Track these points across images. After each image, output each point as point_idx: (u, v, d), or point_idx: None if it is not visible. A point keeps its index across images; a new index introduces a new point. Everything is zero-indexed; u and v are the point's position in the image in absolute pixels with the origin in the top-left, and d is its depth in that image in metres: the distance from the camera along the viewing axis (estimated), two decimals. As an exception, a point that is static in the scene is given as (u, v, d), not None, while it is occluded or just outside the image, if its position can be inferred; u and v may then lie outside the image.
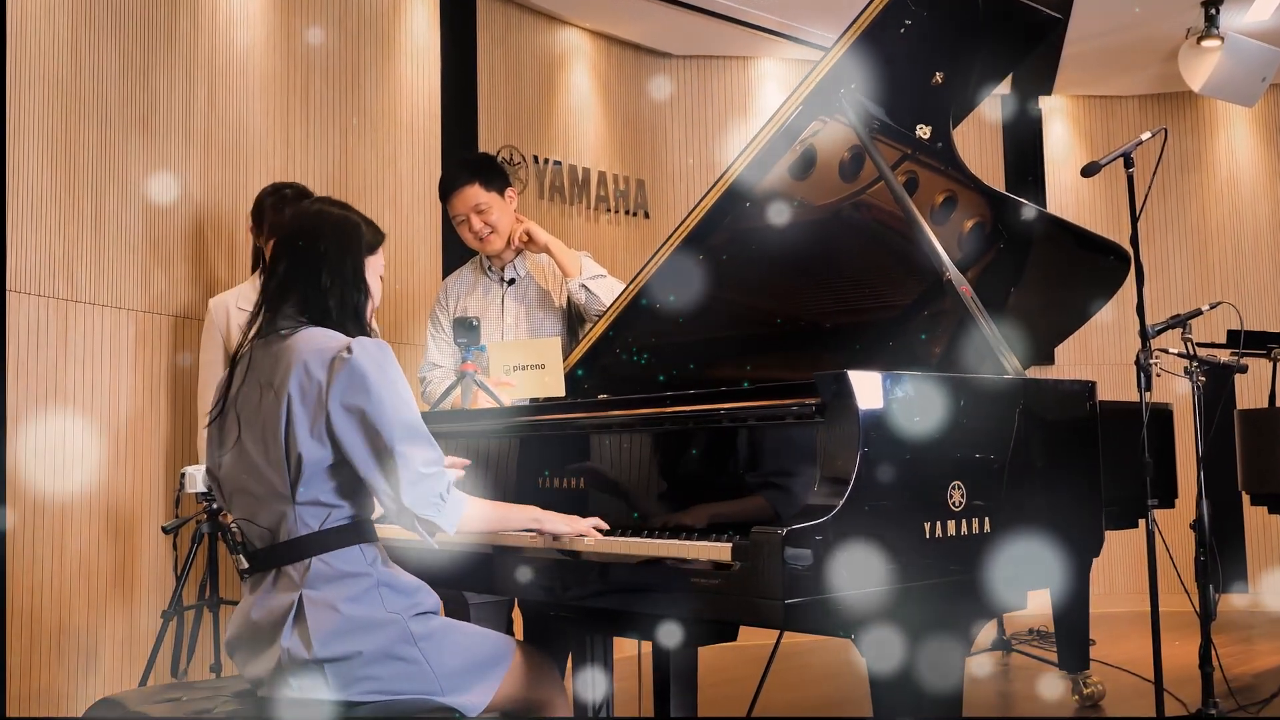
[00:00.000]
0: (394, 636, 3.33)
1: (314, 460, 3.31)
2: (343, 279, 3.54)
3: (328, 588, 3.33)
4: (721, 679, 6.52)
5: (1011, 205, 4.70)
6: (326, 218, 3.62)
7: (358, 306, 3.56)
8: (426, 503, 3.35)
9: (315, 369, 3.32)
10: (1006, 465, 3.40)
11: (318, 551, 3.35)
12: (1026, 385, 3.61)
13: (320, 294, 3.51)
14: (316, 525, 3.36)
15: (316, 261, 3.52)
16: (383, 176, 7.65)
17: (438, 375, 5.74)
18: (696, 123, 10.00)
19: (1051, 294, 5.20)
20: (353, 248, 3.58)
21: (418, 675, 3.34)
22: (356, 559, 3.38)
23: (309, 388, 3.32)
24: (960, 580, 3.24)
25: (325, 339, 3.40)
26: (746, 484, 3.41)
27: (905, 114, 4.41)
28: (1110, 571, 10.23)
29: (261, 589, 3.42)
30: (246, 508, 3.46)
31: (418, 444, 3.35)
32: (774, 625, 2.96)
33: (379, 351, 3.36)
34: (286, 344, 3.41)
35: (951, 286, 3.88)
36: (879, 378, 3.13)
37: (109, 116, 6.06)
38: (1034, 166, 10.81)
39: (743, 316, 4.90)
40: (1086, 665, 6.57)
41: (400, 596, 3.40)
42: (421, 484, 3.33)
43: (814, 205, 4.61)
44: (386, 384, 3.32)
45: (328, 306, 3.50)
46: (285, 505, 3.36)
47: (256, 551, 3.44)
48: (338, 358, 3.32)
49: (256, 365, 3.46)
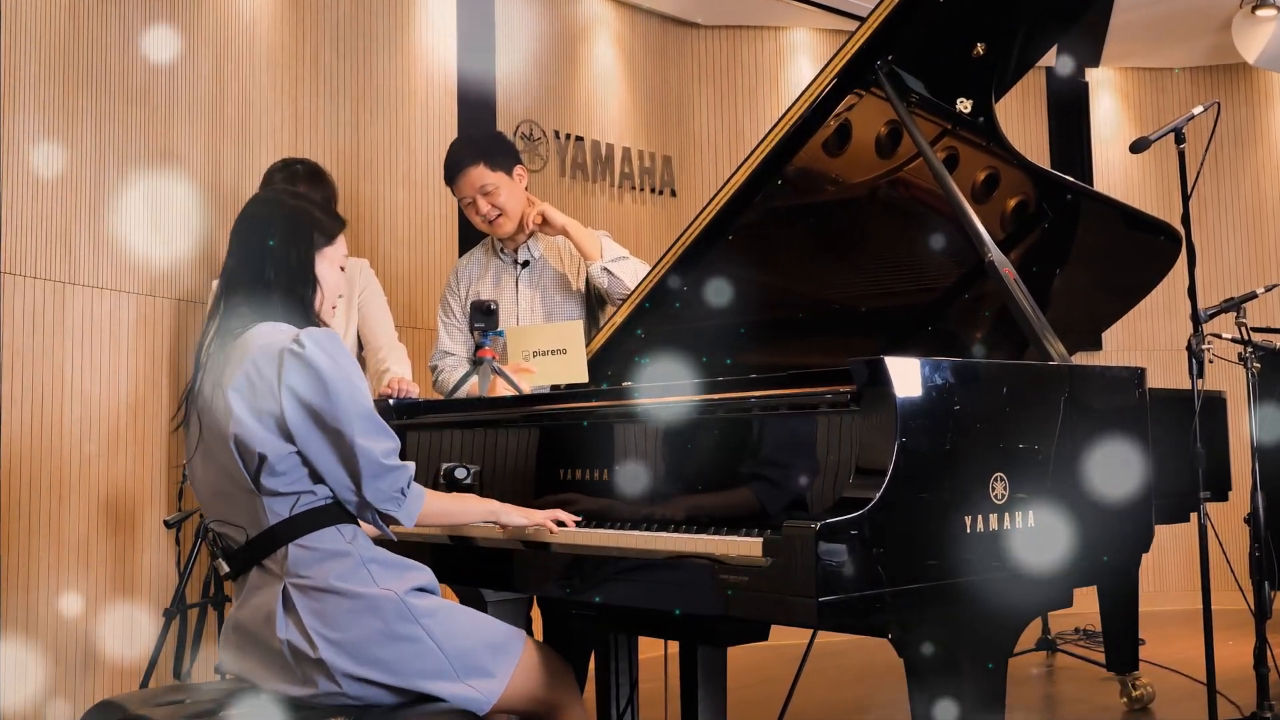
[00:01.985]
0: (392, 614, 3.34)
1: (269, 450, 3.33)
2: (289, 272, 3.58)
3: (311, 571, 3.35)
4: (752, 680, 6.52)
5: (1056, 183, 4.70)
6: (276, 208, 3.68)
7: (304, 300, 3.59)
8: (387, 497, 3.42)
9: (264, 365, 3.36)
10: (1051, 456, 3.39)
11: (292, 537, 3.37)
12: (1072, 372, 3.59)
13: (266, 288, 3.55)
14: (287, 512, 3.39)
15: (261, 255, 3.58)
16: (396, 153, 7.65)
17: (450, 363, 5.73)
18: (726, 96, 9.99)
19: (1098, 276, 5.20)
20: (300, 239, 3.62)
21: (425, 655, 3.35)
22: (334, 538, 3.41)
23: (259, 384, 3.35)
24: (1002, 576, 3.23)
25: (273, 333, 3.43)
26: (778, 475, 3.40)
27: (945, 87, 4.40)
28: (1160, 567, 10.22)
29: (246, 588, 3.45)
30: (220, 509, 3.51)
31: (376, 436, 3.39)
32: (807, 624, 2.95)
33: (330, 342, 3.39)
34: (238, 342, 3.45)
35: (993, 268, 3.86)
36: (917, 364, 3.11)
37: (108, 88, 6.08)
38: (1080, 142, 10.79)
39: (774, 300, 4.90)
40: (1135, 666, 6.57)
41: (391, 572, 3.43)
42: (384, 478, 3.39)
43: (849, 183, 4.60)
44: (340, 376, 3.35)
45: (272, 299, 3.54)
46: (252, 498, 3.39)
47: (235, 552, 3.47)
48: (286, 350, 3.35)
49: (212, 365, 3.50)
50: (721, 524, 3.40)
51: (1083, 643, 8.03)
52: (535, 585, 4.05)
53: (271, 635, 3.31)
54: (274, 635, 3.30)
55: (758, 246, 4.65)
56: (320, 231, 3.66)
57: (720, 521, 3.44)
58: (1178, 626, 8.95)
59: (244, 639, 3.41)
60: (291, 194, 3.77)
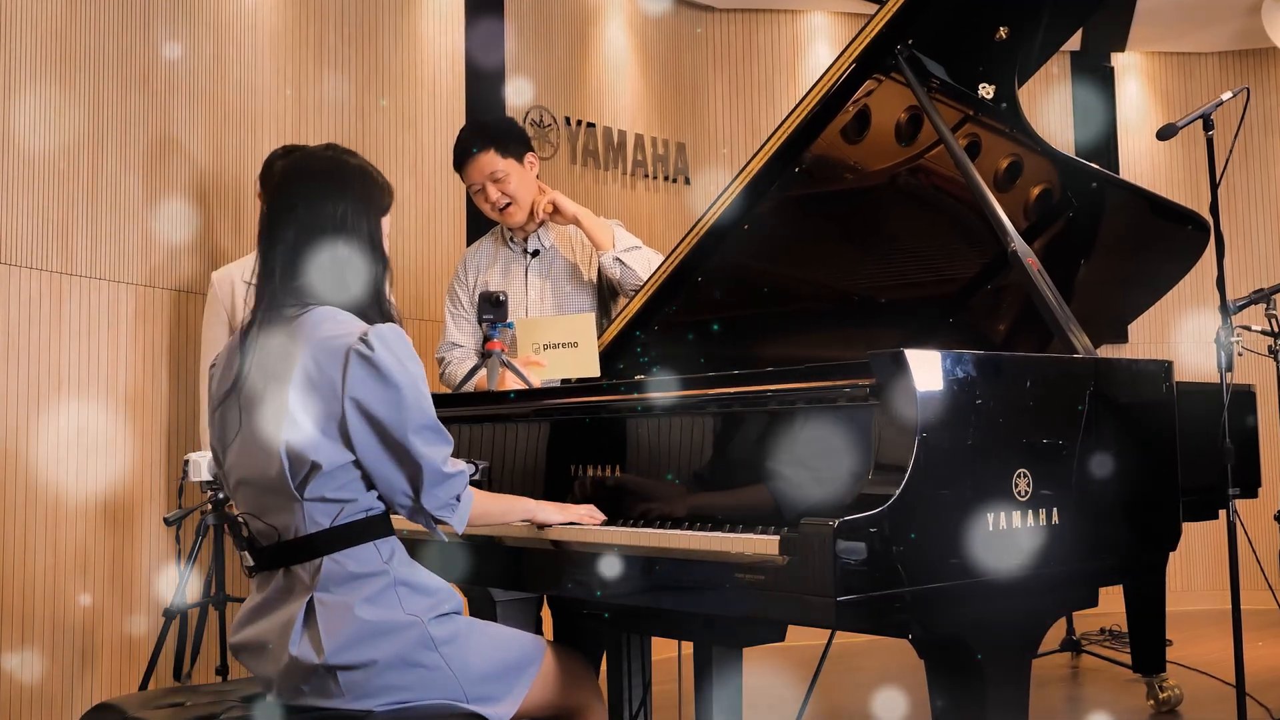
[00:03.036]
0: (412, 642, 3.27)
1: (324, 459, 3.21)
2: (362, 248, 3.38)
3: (341, 590, 3.26)
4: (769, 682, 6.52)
5: (1081, 171, 4.69)
6: (347, 170, 3.46)
7: (379, 283, 3.42)
8: (444, 504, 3.34)
9: (326, 363, 3.21)
10: (1076, 452, 3.39)
11: (329, 550, 3.27)
12: (1098, 365, 3.59)
13: (338, 267, 3.34)
14: (327, 522, 3.28)
15: (333, 226, 3.35)
16: (402, 140, 7.66)
17: (457, 355, 5.73)
18: (741, 82, 9.98)
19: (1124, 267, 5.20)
20: (373, 208, 3.44)
21: (440, 681, 3.30)
22: (371, 557, 3.30)
23: (320, 383, 3.20)
24: (1026, 576, 3.23)
25: (335, 326, 3.27)
26: (795, 471, 3.39)
27: (967, 72, 4.40)
28: (1188, 566, 10.22)
29: (269, 589, 3.38)
30: (252, 502, 3.39)
31: (438, 443, 3.29)
32: (825, 625, 2.95)
33: (399, 343, 3.25)
34: (293, 328, 3.29)
35: (1016, 258, 3.86)
36: (938, 357, 3.11)
37: (106, 73, 6.08)
38: (1106, 129, 10.78)
39: (791, 291, 4.90)
40: (1163, 668, 6.55)
41: (420, 597, 3.34)
42: (443, 485, 3.31)
43: (868, 171, 4.60)
44: (409, 383, 3.22)
45: (346, 283, 3.36)
46: (293, 502, 3.27)
47: (263, 549, 3.38)
48: (353, 350, 3.19)
49: (263, 350, 3.32)
50: (737, 522, 3.40)
51: (1108, 643, 8.03)
52: (545, 585, 4.04)
53: (284, 646, 3.25)
54: (286, 644, 3.24)
55: (774, 236, 4.65)
56: (384, 200, 3.49)
57: (735, 519, 3.43)
58: (1206, 627, 8.94)
59: (256, 642, 3.36)
60: (348, 152, 3.52)
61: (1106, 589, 3.63)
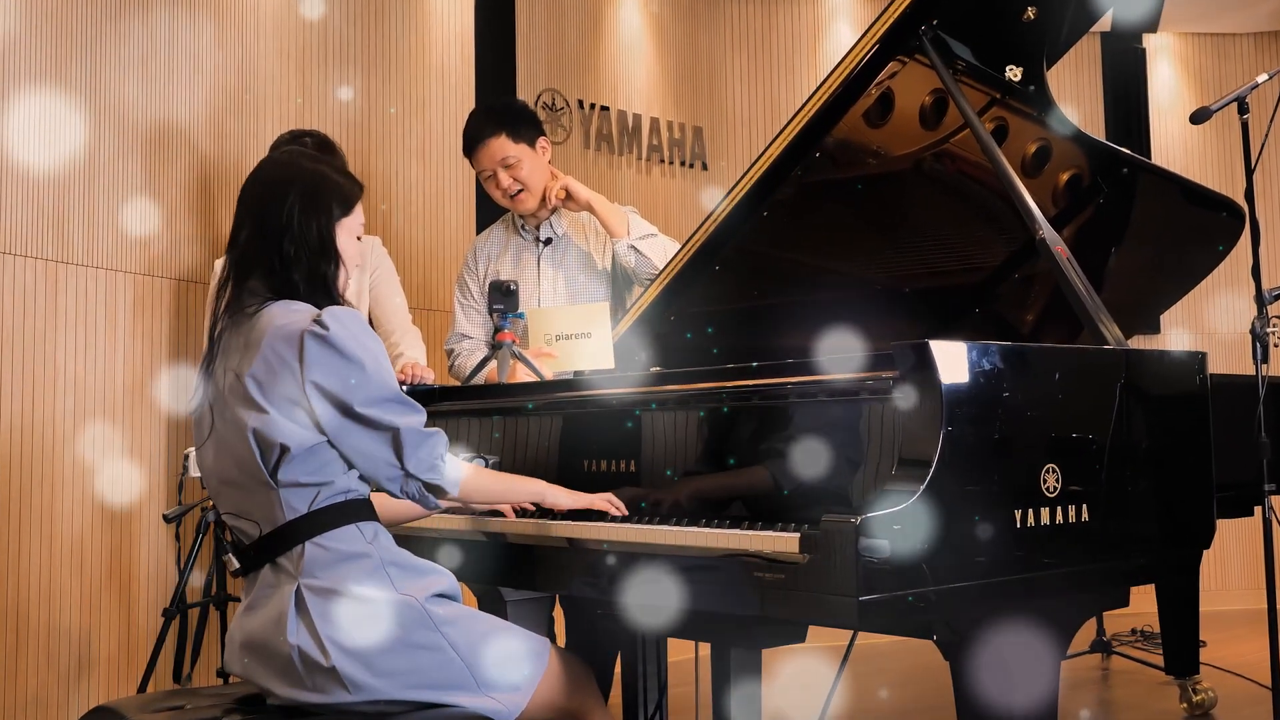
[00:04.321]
0: (411, 621, 3.31)
1: (292, 441, 3.29)
2: (308, 246, 3.50)
3: (327, 573, 3.31)
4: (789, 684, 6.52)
5: (1112, 156, 4.69)
6: (292, 173, 3.59)
7: (326, 277, 3.53)
8: (429, 465, 3.40)
9: (282, 349, 3.31)
10: (1106, 446, 3.39)
11: (309, 535, 3.34)
12: (1129, 357, 3.59)
13: (285, 265, 3.48)
14: (304, 507, 3.35)
15: (279, 227, 3.48)
16: (410, 125, 7.66)
17: (467, 347, 5.73)
18: (760, 63, 9.97)
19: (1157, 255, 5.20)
20: (321, 209, 3.54)
21: (445, 665, 3.33)
22: (354, 537, 3.38)
23: (279, 369, 3.30)
24: (1055, 574, 3.23)
25: (289, 314, 3.38)
26: (815, 466, 3.39)
27: (994, 54, 4.40)
28: (1223, 565, 10.20)
29: (257, 588, 3.43)
30: (232, 501, 3.47)
31: (410, 412, 3.39)
32: (847, 625, 2.96)
33: (353, 322, 3.37)
34: (252, 322, 3.41)
35: (1045, 246, 3.87)
36: (964, 348, 3.11)
37: (104, 56, 6.09)
38: (1137, 113, 10.75)
39: (811, 280, 4.90)
40: (1196, 669, 6.53)
41: (411, 576, 3.41)
42: (423, 445, 3.39)
43: (891, 156, 4.60)
44: (369, 357, 3.33)
45: (293, 279, 3.48)
46: (269, 491, 3.35)
47: (248, 548, 3.45)
48: (306, 333, 3.30)
49: (225, 348, 3.45)
50: (756, 518, 3.41)
51: (1140, 644, 8.01)
52: (556, 583, 4.05)
53: (281, 639, 3.28)
54: (284, 639, 3.27)
55: (794, 223, 4.65)
56: (339, 199, 3.58)
57: (755, 516, 3.45)
58: (1241, 627, 8.93)
59: (252, 640, 3.38)
60: (308, 156, 3.69)
61: (1138, 588, 3.63)
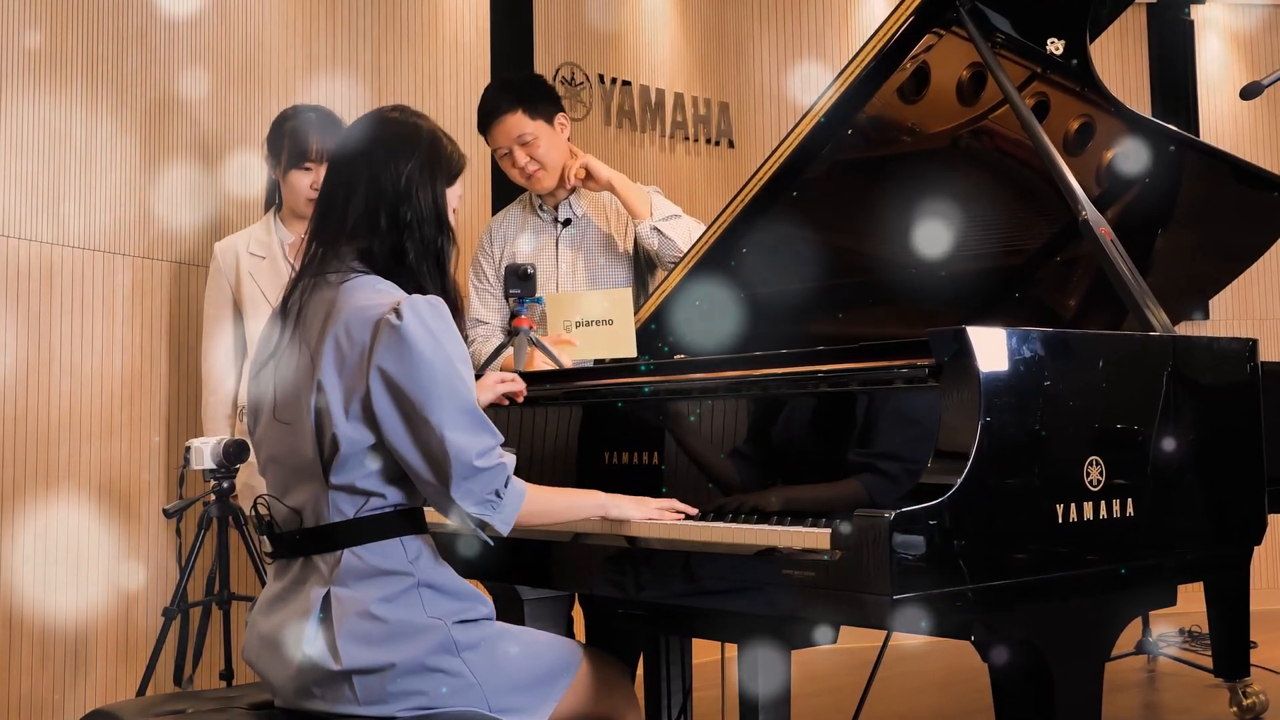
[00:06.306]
0: (432, 645, 3.27)
1: (350, 441, 3.24)
2: (423, 215, 3.42)
3: (359, 586, 3.27)
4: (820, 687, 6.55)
5: (1158, 133, 4.69)
6: (416, 135, 3.49)
7: (440, 252, 3.45)
8: (480, 500, 3.28)
9: (357, 330, 3.24)
10: (1152, 438, 3.39)
11: (350, 543, 3.29)
12: (1176, 344, 3.59)
13: (397, 232, 3.40)
14: (351, 512, 3.30)
15: (397, 190, 3.39)
16: (422, 100, 7.64)
17: (482, 333, 5.74)
18: (790, 36, 9.94)
19: (1205, 237, 5.20)
20: (439, 176, 3.47)
21: (461, 690, 3.29)
22: (396, 554, 3.31)
23: (349, 352, 3.24)
24: (1098, 572, 3.24)
25: (373, 294, 3.30)
26: (847, 459, 3.40)
27: (1034, 26, 4.40)
28: (1274, 562, 10.19)
29: (286, 579, 3.40)
30: (277, 481, 3.44)
31: (472, 431, 3.25)
32: (880, 625, 2.96)
33: (433, 315, 3.25)
34: (332, 295, 3.33)
35: (1088, 228, 3.87)
36: (1003, 335, 3.11)
37: (101, 29, 6.09)
38: (1185, 87, 10.73)
39: (843, 264, 4.91)
40: (1246, 672, 6.53)
41: (445, 600, 3.35)
42: (474, 479, 3.25)
43: (927, 133, 4.61)
44: (441, 357, 3.22)
45: (404, 249, 3.40)
46: (317, 486, 3.30)
47: (282, 534, 3.41)
48: (384, 320, 3.21)
49: (302, 318, 3.37)
50: (784, 513, 3.40)
51: (1188, 646, 8.01)
52: (575, 582, 4.05)
53: (299, 641, 3.27)
54: (302, 642, 3.26)
55: (825, 204, 4.66)
56: (451, 168, 3.51)
57: (783, 510, 3.44)
58: (1294, 629, 8.94)
59: (271, 636, 3.37)
60: (421, 116, 3.56)
61: (1185, 587, 3.63)
